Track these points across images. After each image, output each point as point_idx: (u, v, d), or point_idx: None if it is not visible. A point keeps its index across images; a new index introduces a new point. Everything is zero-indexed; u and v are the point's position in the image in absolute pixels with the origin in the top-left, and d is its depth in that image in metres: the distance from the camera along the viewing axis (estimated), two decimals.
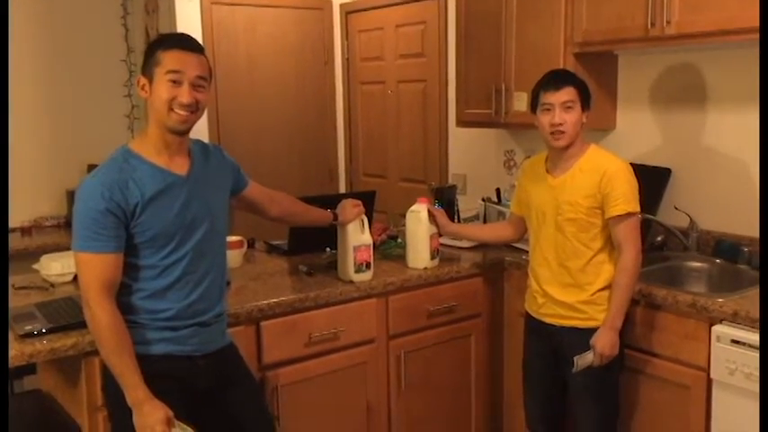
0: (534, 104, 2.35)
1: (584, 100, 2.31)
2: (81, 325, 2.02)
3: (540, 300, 2.42)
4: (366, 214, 2.59)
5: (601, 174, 2.25)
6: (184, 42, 1.86)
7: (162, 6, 4.12)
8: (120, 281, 1.84)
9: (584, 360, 2.26)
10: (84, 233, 1.79)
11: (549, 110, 2.28)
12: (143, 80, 1.85)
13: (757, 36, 2.22)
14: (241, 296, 2.37)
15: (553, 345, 2.41)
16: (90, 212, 1.78)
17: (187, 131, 1.89)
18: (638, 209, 2.27)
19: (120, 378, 1.81)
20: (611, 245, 2.30)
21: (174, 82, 1.81)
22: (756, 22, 2.21)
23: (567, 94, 2.26)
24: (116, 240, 1.80)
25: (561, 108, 2.26)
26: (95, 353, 1.99)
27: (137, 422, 1.78)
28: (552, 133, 2.28)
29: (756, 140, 2.60)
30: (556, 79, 2.31)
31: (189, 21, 4.05)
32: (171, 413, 1.79)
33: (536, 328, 2.47)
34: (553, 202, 2.34)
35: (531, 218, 2.46)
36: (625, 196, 2.24)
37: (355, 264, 2.51)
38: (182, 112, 1.82)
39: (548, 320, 2.40)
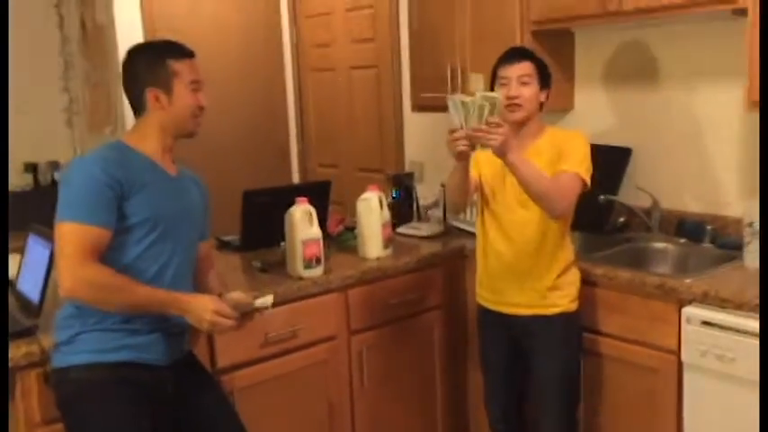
0: (493, 81, 2.30)
1: (543, 77, 2.27)
2: (13, 336, 1.87)
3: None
4: (320, 206, 2.47)
5: (559, 146, 2.21)
6: (189, 51, 1.93)
7: None
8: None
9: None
10: (78, 203, 1.72)
11: (505, 84, 2.24)
12: (156, 92, 1.86)
13: (715, 8, 2.24)
14: None
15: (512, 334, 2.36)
16: (87, 184, 1.73)
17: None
18: (587, 179, 2.19)
19: (152, 306, 1.76)
20: (568, 231, 2.27)
21: (195, 90, 1.90)
22: None
23: (524, 68, 2.23)
24: (109, 216, 1.74)
25: (517, 82, 2.22)
26: (31, 366, 1.84)
27: (194, 321, 1.79)
28: (508, 106, 2.21)
29: (710, 116, 2.62)
30: (513, 54, 2.28)
31: (128, 4, 3.87)
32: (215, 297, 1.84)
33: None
34: (503, 181, 2.27)
35: (482, 193, 2.36)
36: (578, 159, 2.18)
37: (304, 259, 2.38)
38: (200, 116, 1.92)
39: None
